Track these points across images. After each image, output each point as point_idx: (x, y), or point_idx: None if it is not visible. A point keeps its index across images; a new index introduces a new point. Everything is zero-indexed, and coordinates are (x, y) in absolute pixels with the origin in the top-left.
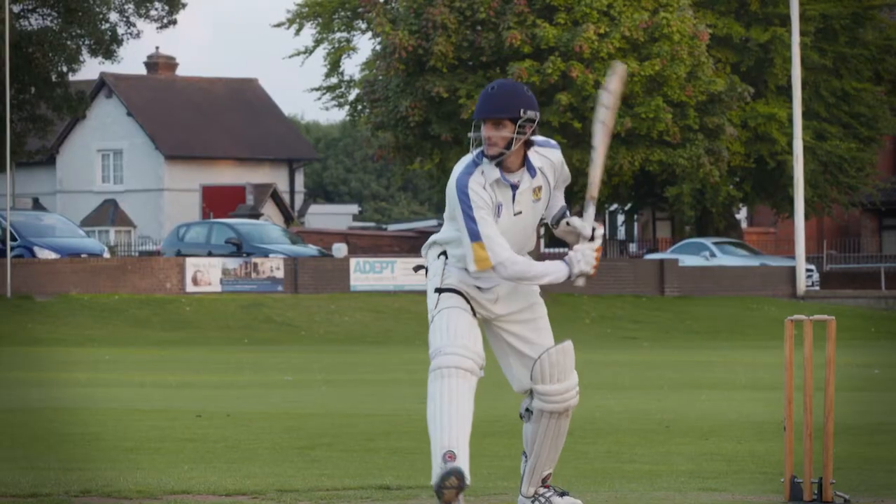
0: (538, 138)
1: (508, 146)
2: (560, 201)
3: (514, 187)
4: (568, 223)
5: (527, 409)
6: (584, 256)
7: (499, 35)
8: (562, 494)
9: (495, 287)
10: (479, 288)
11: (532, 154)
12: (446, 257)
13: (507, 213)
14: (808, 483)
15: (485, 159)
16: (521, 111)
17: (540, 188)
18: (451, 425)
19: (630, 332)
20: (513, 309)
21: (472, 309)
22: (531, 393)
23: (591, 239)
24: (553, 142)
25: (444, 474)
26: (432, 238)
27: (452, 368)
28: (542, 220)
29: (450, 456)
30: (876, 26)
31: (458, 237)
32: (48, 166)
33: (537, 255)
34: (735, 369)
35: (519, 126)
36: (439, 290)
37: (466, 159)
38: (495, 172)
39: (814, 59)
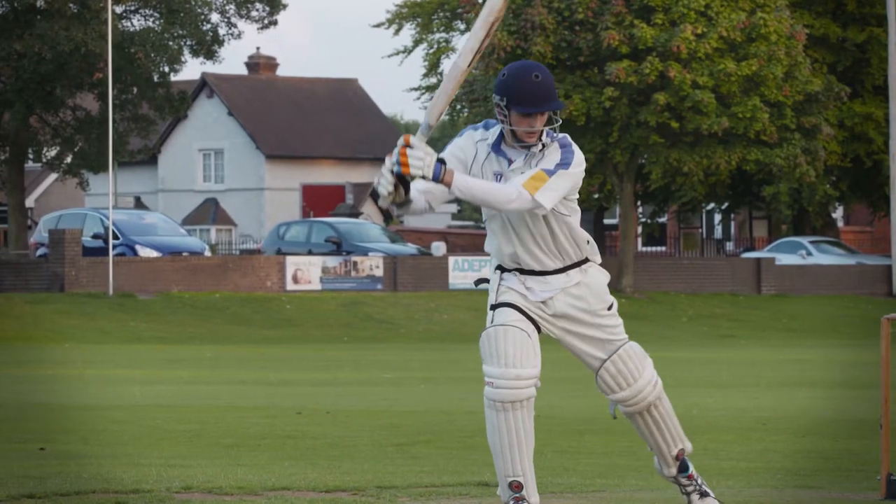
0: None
1: (540, 136)
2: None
3: (509, 162)
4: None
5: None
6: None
7: (597, 35)
8: (703, 495)
9: (550, 300)
10: (533, 300)
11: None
12: (502, 271)
13: None
14: None
15: (495, 129)
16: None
17: None
18: (513, 455)
19: (727, 330)
20: (574, 316)
21: (531, 318)
22: None
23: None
24: (571, 148)
25: None
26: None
27: (508, 403)
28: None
29: (516, 486)
30: None
31: (495, 243)
32: (150, 165)
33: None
34: (831, 367)
35: (551, 115)
36: (493, 307)
37: (492, 120)
38: (491, 139)
39: None
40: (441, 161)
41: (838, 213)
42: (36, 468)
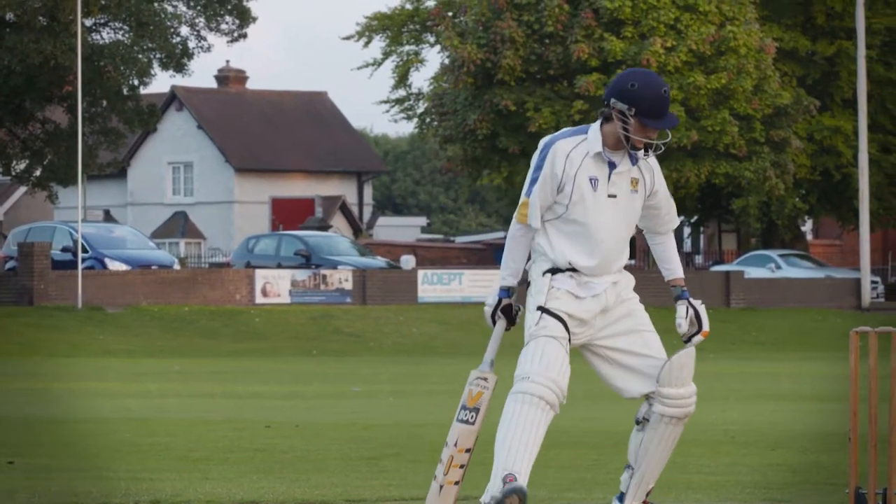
0: None
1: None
2: (671, 255)
3: (612, 165)
4: (691, 304)
5: (644, 418)
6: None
7: (566, 48)
8: None
9: (601, 294)
10: (587, 298)
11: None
12: (552, 274)
13: (602, 190)
14: (872, 494)
15: (591, 134)
16: None
17: (638, 181)
18: (519, 452)
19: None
20: (614, 317)
21: (570, 337)
22: (648, 399)
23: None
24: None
25: (508, 491)
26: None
27: (537, 398)
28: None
29: (510, 478)
30: None
31: (562, 247)
32: (119, 179)
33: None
34: (800, 380)
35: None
36: (542, 310)
37: (574, 128)
38: (597, 145)
39: (879, 72)
40: None
41: (807, 227)
42: (4, 482)
